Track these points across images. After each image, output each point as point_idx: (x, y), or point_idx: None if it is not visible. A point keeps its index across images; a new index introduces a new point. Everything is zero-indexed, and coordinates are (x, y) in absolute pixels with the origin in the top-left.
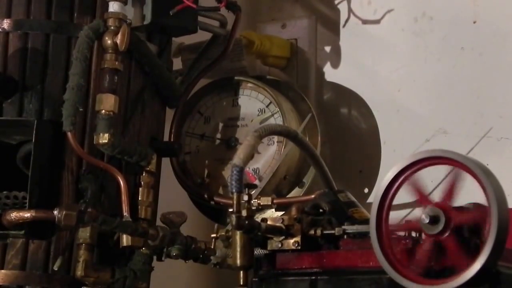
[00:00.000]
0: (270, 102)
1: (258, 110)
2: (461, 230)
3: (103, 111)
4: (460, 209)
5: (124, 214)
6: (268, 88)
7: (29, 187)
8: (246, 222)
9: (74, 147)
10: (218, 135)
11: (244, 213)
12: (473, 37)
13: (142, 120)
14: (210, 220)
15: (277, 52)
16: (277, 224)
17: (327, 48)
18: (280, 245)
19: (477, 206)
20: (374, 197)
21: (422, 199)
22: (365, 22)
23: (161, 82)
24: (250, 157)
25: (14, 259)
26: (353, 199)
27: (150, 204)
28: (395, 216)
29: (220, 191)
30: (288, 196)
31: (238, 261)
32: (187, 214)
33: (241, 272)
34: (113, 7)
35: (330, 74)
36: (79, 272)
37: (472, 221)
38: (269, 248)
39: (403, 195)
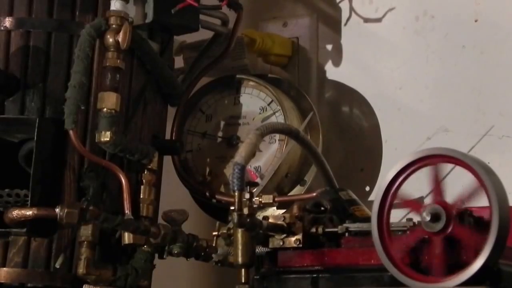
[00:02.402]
0: (272, 100)
1: (260, 108)
2: (463, 217)
3: (105, 109)
4: None
5: (126, 212)
6: (270, 86)
7: (31, 185)
8: (248, 220)
9: (76, 145)
10: (220, 133)
11: (245, 211)
12: (474, 35)
13: (143, 118)
14: (211, 218)
15: (279, 51)
16: (279, 222)
17: (329, 47)
18: (281, 243)
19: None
20: (376, 195)
21: (415, 206)
22: (366, 20)
23: (162, 80)
24: (251, 155)
25: (16, 257)
26: (355, 197)
27: (151, 202)
28: (396, 215)
29: (222, 189)
30: (289, 194)
31: (240, 259)
32: (189, 212)
33: (243, 270)
34: (115, 5)
35: (332, 72)
36: (81, 270)
37: (467, 197)
38: (270, 246)
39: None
